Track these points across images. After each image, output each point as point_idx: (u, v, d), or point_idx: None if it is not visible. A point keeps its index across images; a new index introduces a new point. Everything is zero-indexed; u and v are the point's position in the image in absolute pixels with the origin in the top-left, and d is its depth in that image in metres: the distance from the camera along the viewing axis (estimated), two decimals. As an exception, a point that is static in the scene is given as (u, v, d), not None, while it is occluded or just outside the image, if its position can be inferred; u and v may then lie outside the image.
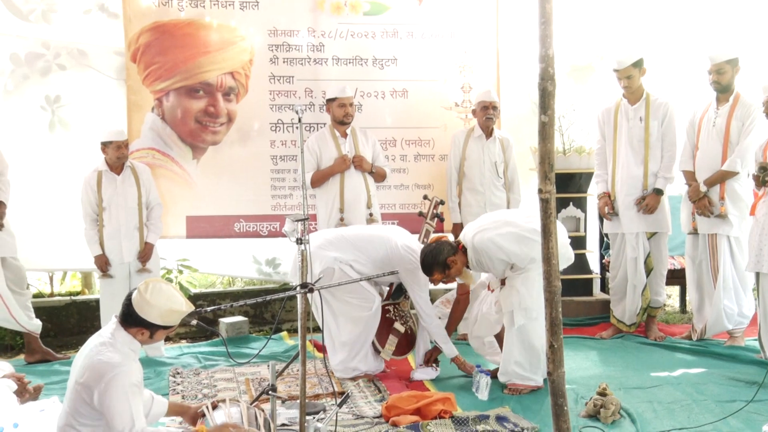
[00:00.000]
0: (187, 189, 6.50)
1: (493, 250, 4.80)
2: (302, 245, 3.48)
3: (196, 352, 6.10)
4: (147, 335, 3.14)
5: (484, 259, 4.86)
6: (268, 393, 3.60)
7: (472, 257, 4.89)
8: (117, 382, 2.95)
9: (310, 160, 6.00)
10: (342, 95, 5.97)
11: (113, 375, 2.95)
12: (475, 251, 4.86)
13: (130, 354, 3.09)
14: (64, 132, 6.42)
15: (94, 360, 3.01)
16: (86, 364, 3.03)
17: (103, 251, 5.82)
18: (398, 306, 5.37)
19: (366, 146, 6.13)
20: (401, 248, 5.13)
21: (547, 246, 2.60)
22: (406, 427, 4.17)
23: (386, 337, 5.29)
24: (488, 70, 6.80)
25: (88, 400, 2.98)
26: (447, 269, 4.84)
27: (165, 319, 3.12)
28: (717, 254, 5.80)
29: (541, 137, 2.60)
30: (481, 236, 4.85)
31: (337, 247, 5.13)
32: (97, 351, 3.05)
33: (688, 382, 4.98)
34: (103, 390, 2.94)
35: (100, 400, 2.94)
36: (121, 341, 3.09)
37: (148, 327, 3.12)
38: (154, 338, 3.18)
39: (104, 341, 3.08)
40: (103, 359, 3.00)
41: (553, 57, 2.55)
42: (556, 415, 2.59)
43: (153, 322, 3.10)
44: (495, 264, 4.87)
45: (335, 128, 6.07)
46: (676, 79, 6.90)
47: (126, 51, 6.36)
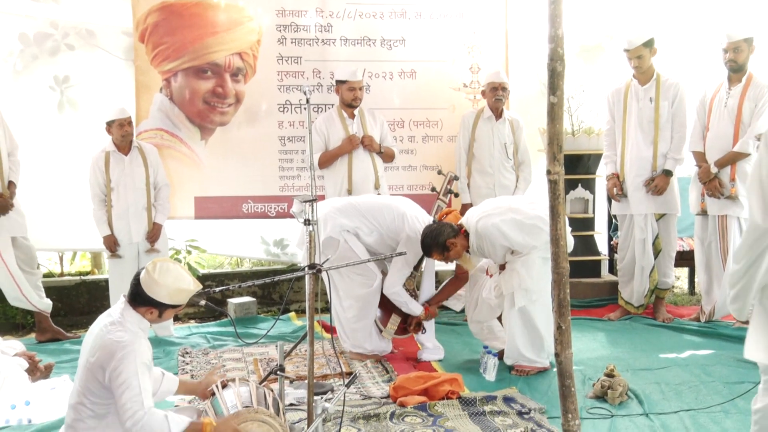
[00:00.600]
0: (196, 170, 6.51)
1: (496, 236, 4.80)
2: (310, 226, 3.49)
3: (205, 332, 6.13)
4: (156, 314, 3.16)
5: (486, 245, 4.86)
6: (277, 373, 3.62)
7: (473, 242, 4.88)
8: (127, 360, 2.97)
9: (318, 140, 5.99)
10: (353, 79, 5.94)
11: (124, 354, 2.98)
12: (478, 236, 4.85)
13: (139, 333, 3.11)
14: (73, 112, 6.43)
15: (105, 339, 3.03)
16: (97, 343, 3.05)
17: (111, 231, 5.84)
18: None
19: (374, 127, 6.12)
20: (409, 217, 5.15)
21: (555, 227, 2.59)
22: (414, 408, 4.19)
23: (389, 316, 5.30)
24: (497, 51, 6.76)
25: (100, 379, 3.01)
26: (446, 251, 4.84)
27: (173, 299, 3.13)
28: (727, 235, 5.78)
29: (550, 118, 2.58)
30: (485, 222, 4.84)
31: (346, 214, 5.15)
32: (107, 330, 3.07)
33: (696, 364, 4.98)
34: (114, 368, 2.96)
35: (110, 378, 2.97)
36: (130, 320, 3.11)
37: (157, 306, 3.13)
38: (162, 317, 3.20)
39: (114, 320, 3.10)
40: (114, 338, 3.02)
41: (562, 37, 2.53)
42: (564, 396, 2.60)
43: (161, 302, 3.12)
44: (496, 250, 4.87)
45: (343, 109, 6.05)
46: (687, 59, 6.84)
47: (134, 31, 6.34)
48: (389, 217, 5.16)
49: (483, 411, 4.14)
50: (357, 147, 5.96)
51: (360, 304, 5.20)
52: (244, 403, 3.24)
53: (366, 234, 5.15)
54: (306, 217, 3.51)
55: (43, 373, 4.69)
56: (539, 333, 4.82)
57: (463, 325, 6.25)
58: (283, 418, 3.32)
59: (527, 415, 4.09)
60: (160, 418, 2.99)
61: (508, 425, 3.95)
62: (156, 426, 2.97)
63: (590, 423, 3.97)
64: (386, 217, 5.16)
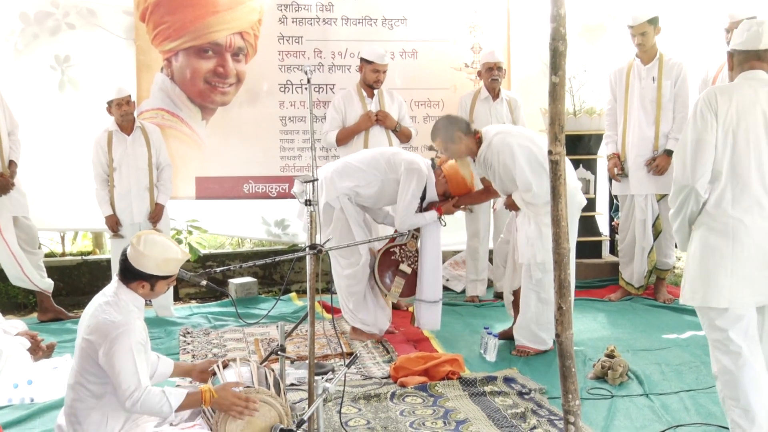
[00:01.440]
0: (197, 150, 6.50)
1: (506, 154, 4.72)
2: (311, 206, 3.48)
3: (206, 313, 6.15)
4: (148, 288, 3.14)
5: (494, 160, 4.79)
6: (277, 353, 3.63)
7: (483, 151, 4.83)
8: (121, 340, 2.96)
9: (336, 118, 6.00)
10: (379, 61, 5.90)
11: (117, 333, 2.97)
12: (489, 148, 4.80)
13: (134, 311, 3.11)
14: (74, 92, 6.41)
15: (99, 319, 3.03)
16: (91, 323, 3.05)
17: (113, 211, 5.84)
18: (404, 247, 5.34)
19: (392, 107, 6.08)
20: (403, 152, 5.25)
21: (557, 208, 2.58)
22: (414, 388, 4.21)
23: (393, 279, 5.31)
24: (499, 31, 6.72)
25: (95, 358, 3.01)
26: (451, 142, 4.82)
27: (162, 269, 3.11)
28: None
29: (552, 98, 2.57)
30: (502, 138, 4.78)
31: (345, 174, 5.15)
32: (102, 310, 3.06)
33: (696, 344, 4.99)
34: (108, 349, 2.96)
35: (105, 358, 2.97)
36: (124, 299, 3.10)
37: (148, 279, 3.11)
38: (155, 290, 3.17)
39: (108, 300, 3.10)
40: (108, 318, 3.02)
41: (564, 16, 2.51)
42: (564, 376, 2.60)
43: (151, 273, 3.10)
44: (500, 170, 4.80)
45: (363, 89, 6.03)
46: (689, 39, 6.80)
47: (135, 10, 6.31)
48: (384, 160, 5.16)
49: (483, 391, 4.16)
50: (374, 124, 5.94)
51: (350, 281, 5.24)
52: (245, 383, 3.25)
53: (366, 187, 5.15)
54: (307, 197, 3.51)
55: (45, 353, 4.69)
56: (551, 306, 4.78)
57: (464, 305, 6.26)
58: (284, 398, 3.33)
59: (528, 395, 4.11)
60: (157, 393, 2.99)
61: (509, 405, 3.97)
62: (154, 402, 2.98)
63: (590, 403, 3.99)
64: (381, 162, 5.16)
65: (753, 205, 3.16)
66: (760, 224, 3.15)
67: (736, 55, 3.38)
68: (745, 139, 3.17)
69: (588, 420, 3.73)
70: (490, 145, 4.78)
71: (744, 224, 3.15)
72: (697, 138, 3.20)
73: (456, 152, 4.88)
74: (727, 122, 3.18)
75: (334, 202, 5.12)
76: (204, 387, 3.10)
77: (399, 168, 5.11)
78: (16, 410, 4.07)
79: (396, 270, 5.29)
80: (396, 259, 5.30)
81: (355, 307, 5.27)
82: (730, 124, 3.18)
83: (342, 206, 5.13)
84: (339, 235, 5.09)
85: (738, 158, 3.18)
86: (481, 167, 4.96)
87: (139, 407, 2.97)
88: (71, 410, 3.11)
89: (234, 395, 3.08)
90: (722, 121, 3.19)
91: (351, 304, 5.28)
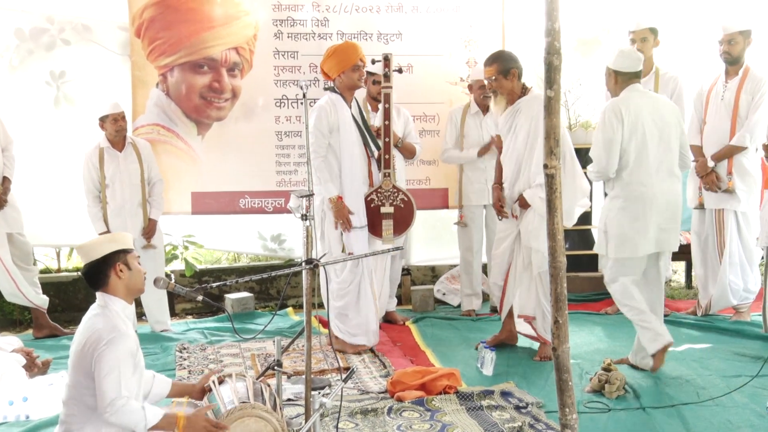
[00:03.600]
0: (192, 165, 6.49)
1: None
2: (307, 221, 3.48)
3: (202, 328, 6.13)
4: (123, 269, 3.14)
5: (531, 113, 4.88)
6: (274, 368, 3.62)
7: (525, 100, 4.97)
8: (111, 348, 2.97)
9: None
10: (380, 72, 5.90)
11: (108, 340, 2.98)
12: (534, 98, 4.93)
13: (125, 321, 3.11)
14: (70, 108, 6.41)
15: (91, 331, 3.05)
16: (84, 337, 3.06)
17: (107, 228, 5.82)
18: (380, 190, 5.46)
19: (397, 122, 6.06)
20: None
21: (552, 221, 2.58)
22: (411, 402, 4.19)
23: (380, 224, 5.44)
24: (494, 45, 6.72)
25: (87, 369, 3.01)
26: (504, 75, 4.95)
27: (112, 245, 3.14)
28: (724, 229, 5.78)
29: (547, 112, 2.57)
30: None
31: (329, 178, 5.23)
32: (92, 323, 3.08)
33: (692, 358, 4.99)
34: (97, 357, 2.96)
35: (94, 366, 2.97)
36: (113, 309, 3.11)
37: (113, 262, 3.12)
38: (132, 268, 3.17)
39: (96, 313, 3.13)
40: (98, 327, 3.04)
41: (559, 31, 2.52)
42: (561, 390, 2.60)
43: (110, 253, 3.12)
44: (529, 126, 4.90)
45: (368, 102, 6.04)
46: (683, 53, 6.84)
47: (130, 26, 6.32)
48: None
49: (480, 405, 4.14)
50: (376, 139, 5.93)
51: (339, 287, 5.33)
52: (241, 399, 3.24)
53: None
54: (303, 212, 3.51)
55: (40, 369, 4.68)
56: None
57: (460, 319, 6.25)
58: (281, 413, 3.32)
59: (525, 409, 4.09)
60: (136, 408, 2.99)
61: (506, 420, 3.95)
62: (132, 415, 2.97)
63: (588, 417, 3.98)
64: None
65: (653, 181, 4.57)
66: (657, 193, 4.56)
67: (621, 75, 4.67)
68: (643, 134, 4.54)
69: (586, 434, 3.72)
70: (536, 97, 4.92)
71: (646, 195, 4.56)
72: (609, 138, 4.54)
73: (502, 86, 5.00)
74: (630, 125, 4.52)
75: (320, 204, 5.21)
76: (179, 413, 3.09)
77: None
78: (12, 427, 4.04)
79: (380, 214, 5.44)
80: (377, 204, 5.45)
81: (340, 315, 5.29)
82: (632, 126, 4.53)
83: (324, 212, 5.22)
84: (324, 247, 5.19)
85: (639, 149, 4.55)
86: (509, 117, 5.03)
87: (116, 419, 2.96)
88: (66, 426, 3.10)
89: (205, 420, 3.07)
90: (627, 125, 4.52)
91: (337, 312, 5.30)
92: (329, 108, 5.18)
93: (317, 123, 5.14)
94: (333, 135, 5.21)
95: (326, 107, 5.18)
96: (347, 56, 5.22)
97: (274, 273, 3.67)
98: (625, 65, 4.63)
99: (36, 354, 4.72)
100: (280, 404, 3.41)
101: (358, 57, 5.26)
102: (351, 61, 5.22)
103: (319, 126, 5.14)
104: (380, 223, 5.45)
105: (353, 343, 5.33)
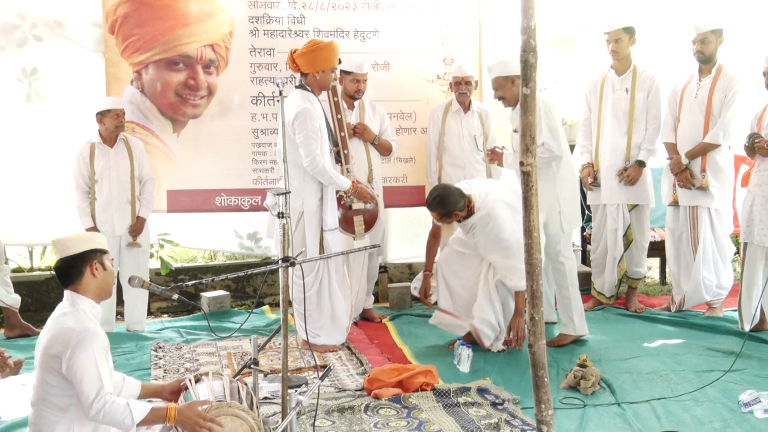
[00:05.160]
0: (168, 163, 6.44)
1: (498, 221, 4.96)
2: (283, 219, 3.47)
3: (178, 327, 6.09)
4: (98, 268, 3.11)
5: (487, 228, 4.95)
6: (250, 367, 3.60)
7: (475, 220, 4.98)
8: (84, 346, 2.93)
9: None
10: (359, 71, 5.90)
11: (79, 339, 2.94)
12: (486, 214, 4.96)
13: (92, 320, 3.07)
14: (42, 105, 6.33)
15: (58, 330, 2.99)
16: (51, 336, 3.01)
17: (94, 224, 5.76)
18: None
19: (373, 119, 6.06)
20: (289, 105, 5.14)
21: (528, 219, 2.59)
22: (388, 400, 4.19)
23: (352, 221, 5.51)
24: (470, 43, 6.76)
25: (57, 368, 2.96)
26: (446, 218, 4.98)
27: (86, 244, 3.11)
28: (698, 226, 5.84)
29: (523, 110, 2.58)
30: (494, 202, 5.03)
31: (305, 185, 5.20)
32: (60, 322, 3.03)
33: (666, 353, 5.04)
34: (70, 356, 2.91)
35: (68, 367, 2.92)
36: (81, 308, 3.07)
37: (91, 259, 3.10)
38: (107, 269, 3.15)
39: (65, 311, 3.07)
40: (67, 326, 2.99)
41: (535, 29, 2.53)
42: (537, 386, 2.61)
43: (89, 250, 3.09)
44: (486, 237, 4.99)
45: (344, 100, 6.03)
46: (659, 51, 6.90)
47: (104, 22, 6.25)
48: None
49: (457, 402, 4.16)
50: (353, 136, 5.91)
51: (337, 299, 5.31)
52: (217, 398, 3.22)
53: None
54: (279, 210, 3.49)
55: (12, 370, 4.59)
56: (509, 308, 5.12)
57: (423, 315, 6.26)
58: (257, 411, 3.31)
59: (501, 405, 4.11)
60: (122, 404, 2.94)
61: (482, 416, 3.97)
62: (118, 413, 2.93)
63: (563, 413, 4.01)
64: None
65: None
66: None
67: (517, 80, 4.80)
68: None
69: (561, 430, 3.75)
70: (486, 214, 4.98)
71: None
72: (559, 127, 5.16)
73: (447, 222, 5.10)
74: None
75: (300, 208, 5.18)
76: (170, 405, 3.06)
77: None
78: (-17, 429, 3.99)
79: (351, 212, 5.54)
80: (346, 202, 5.54)
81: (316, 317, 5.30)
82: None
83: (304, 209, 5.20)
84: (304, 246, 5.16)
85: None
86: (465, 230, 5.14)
87: (102, 417, 2.92)
88: (36, 427, 3.05)
89: (198, 414, 3.02)
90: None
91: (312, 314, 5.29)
92: (311, 108, 5.14)
93: (311, 125, 5.04)
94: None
95: (310, 108, 5.11)
96: (330, 57, 5.17)
97: (251, 271, 3.65)
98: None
99: (8, 354, 4.64)
100: (256, 403, 3.40)
101: (337, 59, 5.25)
102: (332, 63, 5.20)
103: (312, 128, 5.05)
104: (351, 220, 5.49)
105: (317, 343, 5.32)
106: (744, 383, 4.35)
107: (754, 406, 3.93)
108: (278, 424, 3.34)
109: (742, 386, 4.26)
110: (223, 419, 3.10)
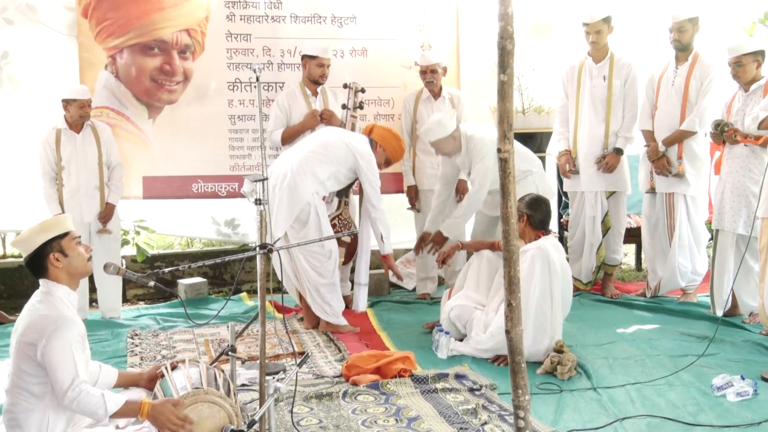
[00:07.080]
0: (143, 149, 6.38)
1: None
2: (260, 206, 3.45)
3: (155, 314, 6.05)
4: (60, 258, 3.07)
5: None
6: (228, 354, 3.58)
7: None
8: (59, 334, 2.91)
9: (280, 116, 5.97)
10: (323, 55, 5.92)
11: (55, 327, 2.92)
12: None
13: (69, 307, 3.05)
14: (14, 89, 6.24)
15: (34, 317, 2.97)
16: (27, 323, 2.98)
17: (63, 211, 5.69)
18: (341, 216, 5.58)
19: (336, 105, 6.07)
20: (355, 142, 5.31)
21: (506, 205, 2.59)
22: (366, 386, 4.20)
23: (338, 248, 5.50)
24: (448, 29, 6.76)
25: (32, 355, 2.93)
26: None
27: (50, 231, 3.08)
28: (674, 213, 5.89)
29: (500, 96, 2.57)
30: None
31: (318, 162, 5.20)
32: (35, 309, 3.01)
33: (642, 338, 5.09)
34: (46, 343, 2.89)
35: (43, 354, 2.90)
36: (57, 295, 3.05)
37: (46, 253, 3.06)
38: (69, 254, 3.10)
39: (40, 299, 3.06)
40: (43, 314, 2.97)
41: (512, 15, 2.52)
42: (514, 372, 2.62)
43: (42, 245, 3.06)
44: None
45: (307, 86, 6.00)
46: (636, 38, 6.93)
47: (77, 6, 6.16)
48: (342, 151, 5.25)
49: (435, 388, 4.17)
50: (319, 122, 5.91)
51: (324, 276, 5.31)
52: (194, 385, 3.20)
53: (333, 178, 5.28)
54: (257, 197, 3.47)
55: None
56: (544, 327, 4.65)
57: (415, 303, 6.28)
58: (235, 398, 3.30)
59: (478, 391, 4.13)
60: (96, 395, 2.92)
61: (460, 402, 3.99)
62: (92, 403, 2.91)
63: (540, 398, 4.03)
64: (339, 150, 5.25)
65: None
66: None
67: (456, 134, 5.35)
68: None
69: (538, 415, 3.77)
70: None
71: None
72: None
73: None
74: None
75: (311, 199, 5.15)
76: (144, 400, 3.04)
77: (360, 157, 5.24)
78: (-44, 418, 3.94)
79: (338, 240, 5.52)
80: (338, 230, 5.51)
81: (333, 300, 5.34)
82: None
83: (317, 208, 5.16)
84: (318, 235, 5.11)
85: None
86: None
87: (76, 406, 2.90)
88: (11, 414, 3.02)
89: (171, 412, 3.00)
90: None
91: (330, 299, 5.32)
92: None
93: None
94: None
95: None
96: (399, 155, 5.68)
97: (228, 258, 3.63)
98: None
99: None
100: (234, 390, 3.38)
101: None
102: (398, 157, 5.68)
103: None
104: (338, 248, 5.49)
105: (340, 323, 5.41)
106: (717, 367, 4.40)
107: (727, 390, 3.98)
108: (256, 411, 3.33)
109: (715, 370, 4.32)
110: (199, 406, 3.08)
